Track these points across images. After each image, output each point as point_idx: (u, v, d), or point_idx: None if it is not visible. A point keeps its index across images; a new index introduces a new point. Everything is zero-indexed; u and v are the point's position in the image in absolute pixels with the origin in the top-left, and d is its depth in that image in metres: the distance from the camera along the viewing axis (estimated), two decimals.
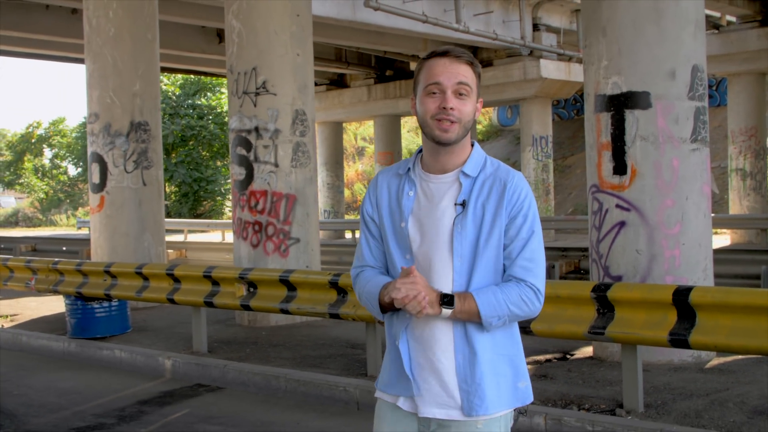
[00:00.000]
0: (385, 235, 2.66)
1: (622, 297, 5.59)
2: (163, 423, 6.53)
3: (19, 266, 10.13)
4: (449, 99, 2.50)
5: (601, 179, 7.06)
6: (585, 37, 7.21)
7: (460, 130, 2.53)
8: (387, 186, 2.69)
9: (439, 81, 2.50)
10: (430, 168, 2.62)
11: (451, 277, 2.54)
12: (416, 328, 2.57)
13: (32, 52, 24.75)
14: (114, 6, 11.09)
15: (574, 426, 5.57)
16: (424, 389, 2.57)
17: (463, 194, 2.56)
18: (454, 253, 2.53)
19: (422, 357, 2.57)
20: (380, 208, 2.68)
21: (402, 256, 2.61)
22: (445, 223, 2.55)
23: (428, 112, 2.52)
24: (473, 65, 2.55)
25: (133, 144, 11.18)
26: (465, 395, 2.53)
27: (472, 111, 2.56)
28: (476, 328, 2.52)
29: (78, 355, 9.10)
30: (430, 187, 2.61)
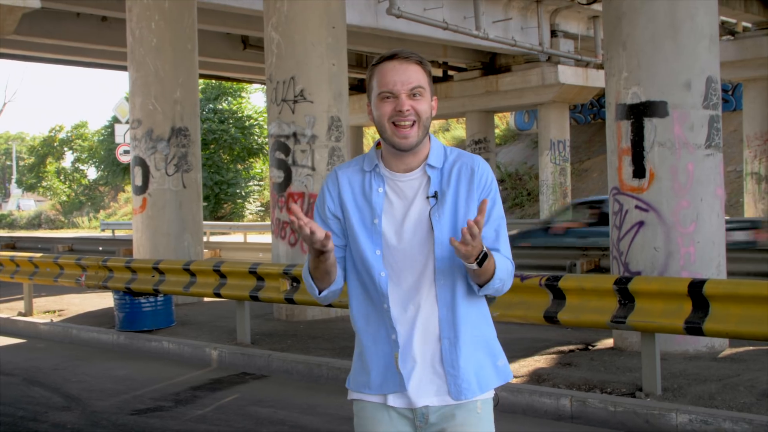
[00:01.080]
0: (352, 232, 2.63)
1: (642, 289, 6.13)
2: (217, 406, 7.10)
3: (69, 263, 10.73)
4: (404, 102, 2.50)
5: (622, 182, 7.61)
6: (606, 51, 7.77)
7: (419, 131, 2.54)
8: (349, 182, 2.67)
9: (392, 90, 2.51)
10: (393, 168, 2.62)
11: (433, 267, 2.56)
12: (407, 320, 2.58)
13: (63, 58, 25.42)
14: (156, 18, 11.71)
15: (598, 407, 6.11)
16: (415, 381, 2.57)
17: (434, 186, 2.58)
18: (435, 242, 2.54)
19: (413, 348, 2.57)
20: (344, 204, 2.65)
21: (373, 251, 2.60)
22: (422, 217, 2.57)
23: (384, 115, 2.53)
24: (423, 64, 2.56)
25: (173, 148, 11.79)
26: (452, 380, 2.55)
27: (428, 109, 2.56)
28: (461, 311, 2.57)
29: (127, 346, 9.70)
30: (399, 185, 2.61)
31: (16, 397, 7.56)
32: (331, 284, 2.62)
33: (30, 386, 8.04)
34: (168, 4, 11.71)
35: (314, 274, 2.59)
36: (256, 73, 28.01)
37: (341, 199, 2.65)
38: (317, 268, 2.55)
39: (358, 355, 2.69)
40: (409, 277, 2.58)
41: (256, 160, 43.60)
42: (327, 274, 2.58)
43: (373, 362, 2.61)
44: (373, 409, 2.63)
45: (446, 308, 2.56)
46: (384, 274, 2.58)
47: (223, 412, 6.86)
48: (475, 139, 27.58)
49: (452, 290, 2.57)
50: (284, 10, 9.94)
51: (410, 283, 2.58)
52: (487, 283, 2.52)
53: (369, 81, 2.59)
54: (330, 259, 2.52)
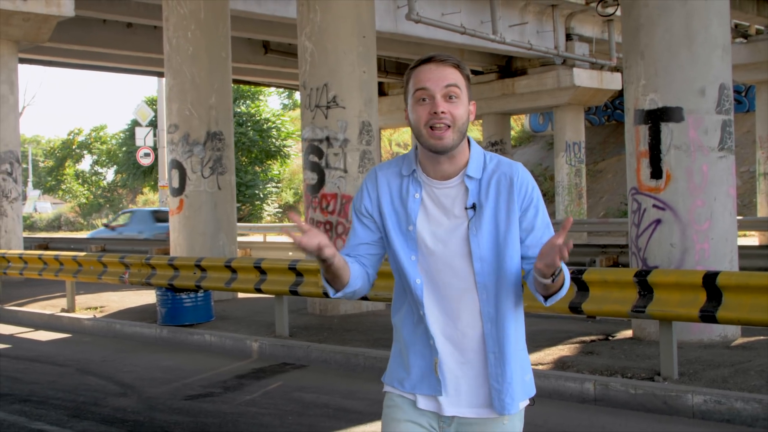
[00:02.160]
0: (388, 235, 2.62)
1: (660, 281, 6.65)
2: (264, 392, 7.65)
3: (113, 261, 11.30)
4: (439, 104, 2.46)
5: (640, 183, 8.14)
6: (625, 60, 8.29)
7: (455, 135, 2.49)
8: (387, 184, 2.64)
9: (426, 86, 2.47)
10: (431, 173, 2.59)
11: (473, 280, 2.55)
12: (445, 329, 2.58)
13: (89, 63, 26.01)
14: (192, 27, 12.28)
15: (619, 390, 6.63)
16: (451, 389, 2.58)
17: (472, 197, 2.54)
18: (473, 257, 2.53)
19: (451, 358, 2.57)
20: (381, 206, 2.64)
21: (408, 257, 2.59)
22: (459, 228, 2.55)
23: (420, 120, 2.49)
24: (460, 68, 2.53)
25: (209, 152, 12.36)
26: (497, 394, 2.54)
27: (465, 113, 2.51)
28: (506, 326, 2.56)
29: (170, 340, 10.25)
30: (435, 192, 2.58)
31: (73, 386, 8.12)
32: (346, 286, 2.60)
33: (84, 375, 8.60)
34: (204, 14, 12.28)
35: (326, 276, 2.58)
36: (277, 77, 28.60)
37: (379, 201, 2.63)
38: (327, 270, 2.53)
39: (398, 351, 2.69)
40: (449, 287, 2.57)
41: (273, 163, 44.17)
42: (337, 277, 2.55)
43: (413, 361, 2.61)
44: (402, 402, 2.64)
45: (491, 323, 2.54)
46: (419, 281, 2.58)
47: (270, 397, 7.40)
48: (492, 141, 28.09)
49: (496, 305, 2.55)
50: (317, 21, 10.50)
51: (450, 293, 2.57)
52: (554, 295, 2.53)
53: (406, 85, 2.57)
54: (335, 263, 2.49)
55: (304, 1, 10.69)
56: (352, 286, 2.61)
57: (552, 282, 2.44)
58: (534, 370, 7.16)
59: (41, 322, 12.07)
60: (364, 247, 2.66)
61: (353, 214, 2.69)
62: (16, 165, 16.89)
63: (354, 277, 2.60)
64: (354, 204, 2.70)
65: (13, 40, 16.75)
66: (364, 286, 2.67)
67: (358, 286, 2.64)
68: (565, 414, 6.52)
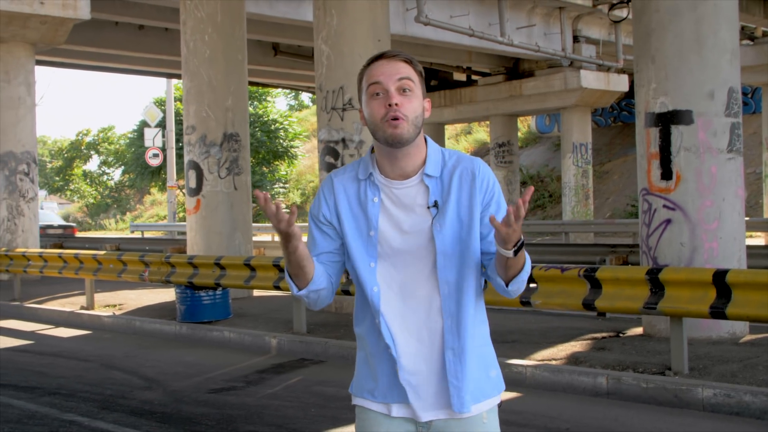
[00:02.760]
0: (347, 243, 2.57)
1: (671, 278, 6.88)
2: (285, 385, 7.89)
3: (132, 260, 11.54)
4: (393, 95, 2.43)
5: (651, 183, 8.37)
6: (636, 64, 8.52)
7: (410, 128, 2.45)
8: (344, 190, 2.59)
9: (379, 80, 2.45)
10: (389, 174, 2.54)
11: (435, 275, 2.51)
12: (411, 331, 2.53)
13: (101, 65, 26.33)
14: (209, 30, 12.53)
15: (631, 384, 6.86)
16: (423, 392, 2.52)
17: (433, 195, 2.51)
18: (437, 252, 2.49)
19: (419, 360, 2.52)
20: (339, 212, 2.58)
21: (366, 264, 2.54)
22: (422, 226, 2.51)
23: (376, 114, 2.46)
24: (412, 63, 2.50)
25: (225, 153, 12.62)
26: (456, 391, 2.49)
27: (419, 107, 2.48)
28: (466, 321, 2.51)
29: (189, 336, 10.50)
30: (395, 193, 2.53)
31: (100, 379, 8.37)
32: (310, 282, 2.53)
33: (109, 370, 8.85)
34: (220, 18, 12.53)
35: (290, 269, 2.51)
36: (286, 79, 28.85)
37: (337, 207, 2.58)
38: (289, 261, 2.47)
39: (363, 360, 2.64)
40: (411, 288, 2.52)
41: (281, 163, 44.41)
42: (301, 269, 2.49)
43: (381, 369, 2.55)
44: (375, 418, 2.58)
45: (451, 318, 2.50)
46: (377, 289, 2.53)
47: (292, 391, 7.64)
48: (499, 142, 28.34)
49: (457, 300, 2.51)
50: (333, 25, 10.75)
51: (416, 293, 2.52)
52: (515, 276, 2.47)
53: (359, 83, 2.54)
54: (299, 250, 2.43)
55: (320, 4, 10.93)
56: (317, 284, 2.53)
57: (514, 255, 2.36)
58: (547, 365, 7.47)
59: (61, 319, 12.33)
60: (325, 255, 2.60)
61: (311, 222, 2.63)
62: (33, 165, 17.17)
63: (318, 275, 2.53)
64: (311, 212, 2.63)
65: (30, 42, 17.02)
66: (328, 291, 2.60)
67: (323, 286, 2.56)
68: (579, 407, 6.75)
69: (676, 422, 6.23)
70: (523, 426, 6.20)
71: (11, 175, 16.89)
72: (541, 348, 8.22)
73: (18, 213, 16.93)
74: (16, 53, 17.05)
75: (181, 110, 41.11)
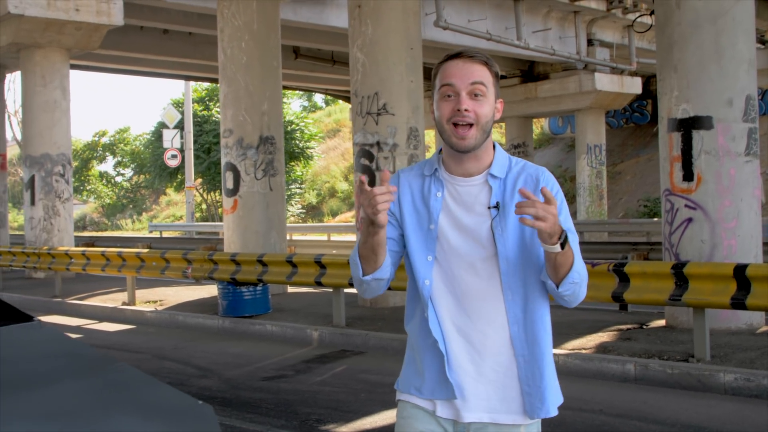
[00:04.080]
0: (406, 235, 2.56)
1: (695, 272, 7.46)
2: (332, 374, 8.47)
3: (176, 258, 12.14)
4: (463, 101, 2.42)
5: (673, 184, 8.94)
6: (659, 73, 9.10)
7: (478, 134, 2.45)
8: (409, 185, 2.59)
9: (452, 82, 2.43)
10: (454, 171, 2.54)
11: (499, 280, 2.47)
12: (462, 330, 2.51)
13: (125, 68, 26.96)
14: (246, 38, 13.13)
15: (657, 370, 7.43)
16: (470, 393, 2.49)
17: (496, 196, 2.48)
18: (499, 257, 2.45)
19: (468, 360, 2.49)
20: (403, 206, 2.58)
21: (424, 257, 2.53)
22: (481, 227, 2.48)
23: (444, 116, 2.45)
24: (488, 65, 2.48)
25: (261, 155, 13.22)
26: (528, 398, 2.46)
27: (489, 112, 2.46)
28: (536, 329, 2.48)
29: (232, 330, 11.09)
30: (458, 190, 2.52)
31: (155, 369, 8.94)
32: (377, 270, 2.50)
33: (162, 361, 9.43)
34: (257, 26, 13.13)
35: (362, 252, 2.48)
36: (304, 81, 29.43)
37: (399, 201, 2.58)
38: (366, 242, 2.44)
39: (410, 359, 2.62)
40: (470, 286, 2.49)
41: (297, 164, 44.98)
42: (374, 254, 2.46)
43: (427, 365, 2.52)
44: (417, 411, 2.56)
45: (518, 325, 2.47)
46: (428, 282, 2.52)
47: (339, 378, 8.22)
48: (514, 143, 28.89)
49: (524, 307, 2.48)
50: (369, 34, 11.34)
51: (471, 293, 2.49)
52: (566, 276, 2.38)
53: (433, 80, 2.53)
54: (380, 234, 2.41)
55: (356, 14, 11.51)
56: (382, 273, 2.51)
57: (561, 248, 2.30)
58: (578, 353, 8.04)
59: (104, 314, 12.93)
60: (389, 242, 2.57)
61: None
62: (68, 167, 17.79)
63: (387, 264, 2.52)
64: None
65: (65, 48, 17.65)
66: (387, 282, 2.59)
67: (386, 276, 2.55)
68: (610, 391, 7.31)
69: (700, 404, 6.78)
70: (560, 408, 6.75)
71: (47, 176, 17.52)
72: (570, 338, 8.78)
73: (54, 213, 17.56)
74: (52, 58, 17.68)
75: (198, 112, 42.01)
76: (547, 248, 2.31)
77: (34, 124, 17.58)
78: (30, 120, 17.69)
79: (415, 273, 2.54)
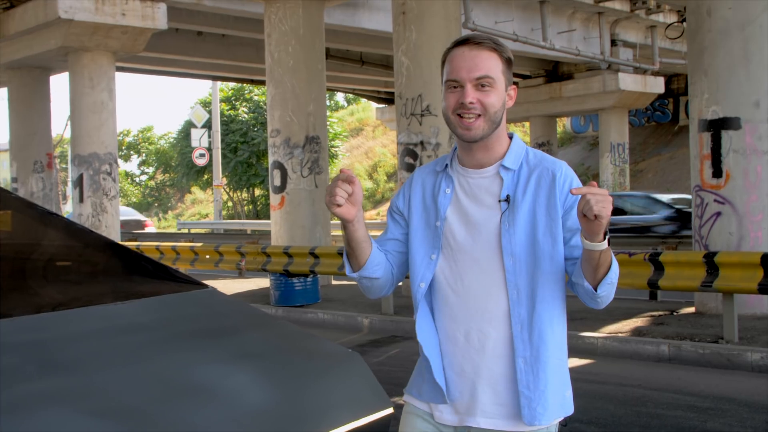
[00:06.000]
0: (411, 232, 2.49)
1: (725, 261, 8.14)
2: (387, 356, 9.17)
3: (229, 251, 12.90)
4: (468, 93, 2.29)
5: (703, 181, 9.62)
6: (690, 76, 9.79)
7: (485, 125, 2.32)
8: (422, 183, 2.51)
9: (457, 78, 2.32)
10: (466, 163, 2.43)
11: (503, 277, 2.34)
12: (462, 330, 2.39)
13: (161, 69, 27.70)
14: (293, 42, 13.87)
15: (690, 350, 8.11)
16: (467, 396, 2.38)
17: (507, 189, 2.36)
18: (504, 252, 2.33)
19: (467, 362, 2.37)
20: (412, 205, 2.50)
21: (427, 255, 2.43)
22: (490, 221, 2.36)
23: (449, 107, 2.35)
24: (498, 50, 2.35)
25: (307, 154, 13.96)
26: (527, 402, 2.32)
27: (497, 101, 2.32)
28: (541, 331, 2.34)
29: (286, 318, 11.81)
30: (469, 182, 2.42)
31: None
32: (363, 268, 2.44)
33: None
34: (303, 31, 13.86)
35: (346, 248, 2.44)
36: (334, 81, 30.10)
37: (410, 200, 2.51)
38: (346, 240, 2.41)
39: (419, 360, 2.55)
40: (475, 284, 2.37)
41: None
42: (353, 250, 2.41)
43: (426, 368, 2.45)
44: (417, 414, 2.50)
45: (521, 325, 2.33)
46: (424, 285, 2.42)
47: (396, 359, 8.92)
48: (539, 142, 29.50)
49: (530, 307, 2.34)
50: (413, 39, 12.04)
51: (475, 291, 2.37)
52: (605, 276, 2.24)
53: (441, 67, 2.44)
54: (350, 229, 2.35)
55: (400, 21, 12.22)
56: (371, 272, 2.45)
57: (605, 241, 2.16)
58: (615, 336, 8.73)
59: None
60: (392, 243, 2.53)
61: (388, 213, 2.60)
62: (114, 165, 18.56)
63: (374, 262, 2.44)
64: (390, 202, 2.60)
65: (111, 51, 18.41)
66: (386, 281, 2.52)
67: (378, 276, 2.47)
68: (646, 370, 7.99)
69: (730, 380, 7.45)
70: (602, 383, 7.44)
71: (95, 174, 18.29)
72: (607, 324, 9.47)
73: (101, 210, 18.33)
74: (99, 61, 18.44)
75: (225, 111, 42.72)
76: (594, 246, 2.16)
77: (82, 125, 18.34)
78: (78, 120, 18.45)
79: (412, 273, 2.47)
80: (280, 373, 2.98)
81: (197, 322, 3.30)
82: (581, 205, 2.08)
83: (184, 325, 3.09)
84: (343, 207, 2.27)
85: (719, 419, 6.08)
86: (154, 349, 2.76)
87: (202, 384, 2.68)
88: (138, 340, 2.78)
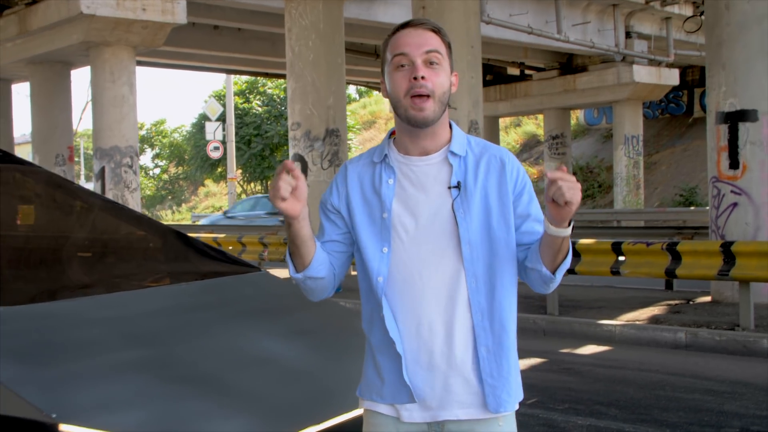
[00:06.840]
0: (356, 229, 2.36)
1: (741, 250, 8.33)
2: None
3: (252, 242, 13.14)
4: (419, 68, 2.22)
5: (720, 172, 9.82)
6: (708, 70, 9.98)
7: (435, 106, 2.25)
8: (358, 177, 2.39)
9: (406, 51, 2.24)
10: (409, 151, 2.34)
11: (462, 267, 2.27)
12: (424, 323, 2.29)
13: (177, 63, 27.92)
14: (313, 37, 14.10)
15: (706, 337, 8.31)
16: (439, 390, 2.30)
17: (457, 175, 2.29)
18: (462, 241, 2.27)
19: (430, 356, 2.29)
20: (351, 201, 2.37)
21: (378, 249, 2.31)
22: (442, 208, 2.29)
23: (400, 88, 2.25)
24: (440, 33, 2.30)
25: (327, 146, 14.20)
26: (491, 390, 2.30)
27: (446, 83, 2.27)
28: (502, 318, 2.31)
29: None
30: (414, 170, 2.32)
31: None
32: (307, 267, 2.32)
33: None
34: (323, 26, 14.09)
35: (290, 247, 2.33)
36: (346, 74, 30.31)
37: (348, 195, 2.38)
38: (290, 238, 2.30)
39: (370, 359, 2.42)
40: (431, 275, 2.29)
41: None
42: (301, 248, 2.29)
43: (385, 367, 2.34)
44: (381, 420, 2.38)
45: (481, 314, 2.29)
46: (382, 279, 2.31)
47: None
48: (553, 134, 29.64)
49: (489, 296, 2.30)
50: None
51: (432, 282, 2.29)
52: (563, 262, 2.27)
53: (383, 53, 2.32)
54: (304, 229, 2.25)
55: (420, 15, 12.41)
56: (316, 271, 2.34)
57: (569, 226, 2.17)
58: (633, 324, 8.94)
59: None
60: (330, 244, 2.41)
61: (320, 210, 2.45)
62: (135, 158, 18.82)
63: (318, 261, 2.33)
64: (322, 199, 2.45)
65: (131, 45, 18.63)
66: (330, 281, 2.41)
67: (323, 275, 2.37)
68: (663, 357, 8.19)
69: (746, 366, 7.65)
70: (621, 368, 7.66)
71: (117, 167, 18.56)
72: (624, 312, 9.67)
73: (123, 202, 18.58)
74: (120, 55, 18.67)
75: (239, 104, 42.99)
76: (559, 232, 2.17)
77: (103, 118, 18.58)
78: (100, 114, 18.70)
79: (367, 269, 2.34)
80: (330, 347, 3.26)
81: (255, 301, 3.56)
82: (552, 191, 2.08)
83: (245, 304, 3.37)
84: (288, 202, 2.15)
85: (736, 402, 6.29)
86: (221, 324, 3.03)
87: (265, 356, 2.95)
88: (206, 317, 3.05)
